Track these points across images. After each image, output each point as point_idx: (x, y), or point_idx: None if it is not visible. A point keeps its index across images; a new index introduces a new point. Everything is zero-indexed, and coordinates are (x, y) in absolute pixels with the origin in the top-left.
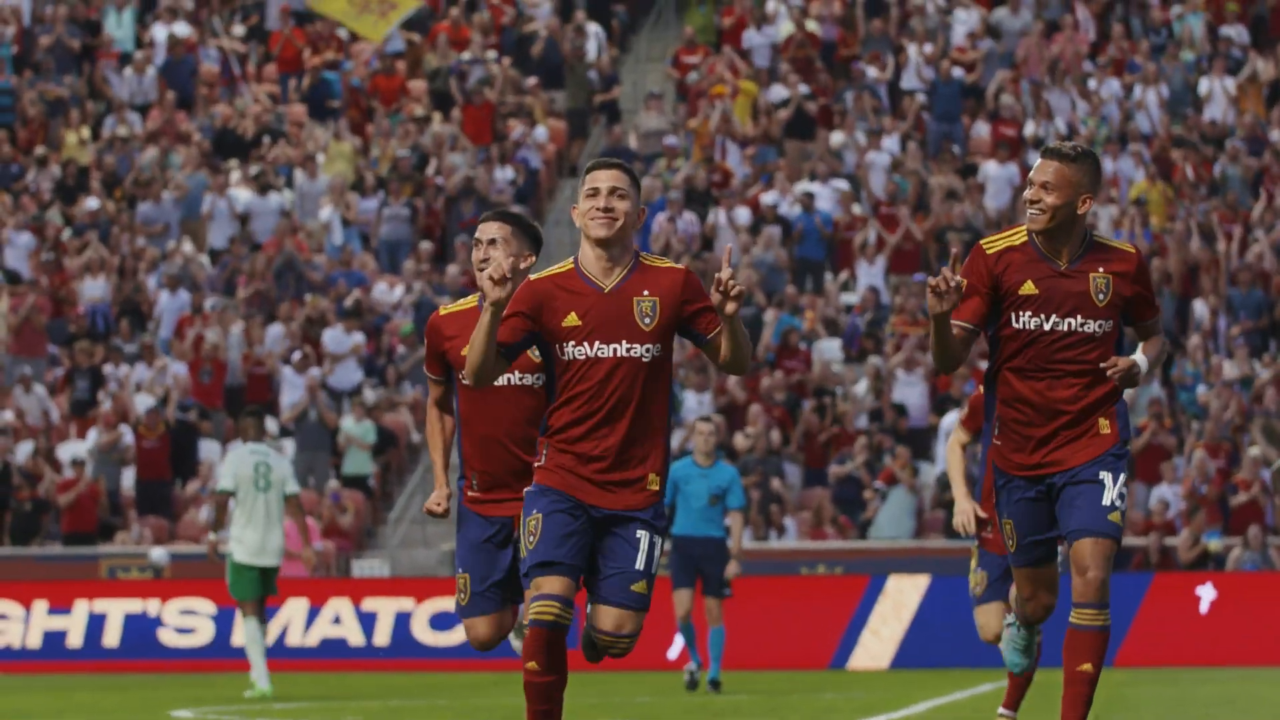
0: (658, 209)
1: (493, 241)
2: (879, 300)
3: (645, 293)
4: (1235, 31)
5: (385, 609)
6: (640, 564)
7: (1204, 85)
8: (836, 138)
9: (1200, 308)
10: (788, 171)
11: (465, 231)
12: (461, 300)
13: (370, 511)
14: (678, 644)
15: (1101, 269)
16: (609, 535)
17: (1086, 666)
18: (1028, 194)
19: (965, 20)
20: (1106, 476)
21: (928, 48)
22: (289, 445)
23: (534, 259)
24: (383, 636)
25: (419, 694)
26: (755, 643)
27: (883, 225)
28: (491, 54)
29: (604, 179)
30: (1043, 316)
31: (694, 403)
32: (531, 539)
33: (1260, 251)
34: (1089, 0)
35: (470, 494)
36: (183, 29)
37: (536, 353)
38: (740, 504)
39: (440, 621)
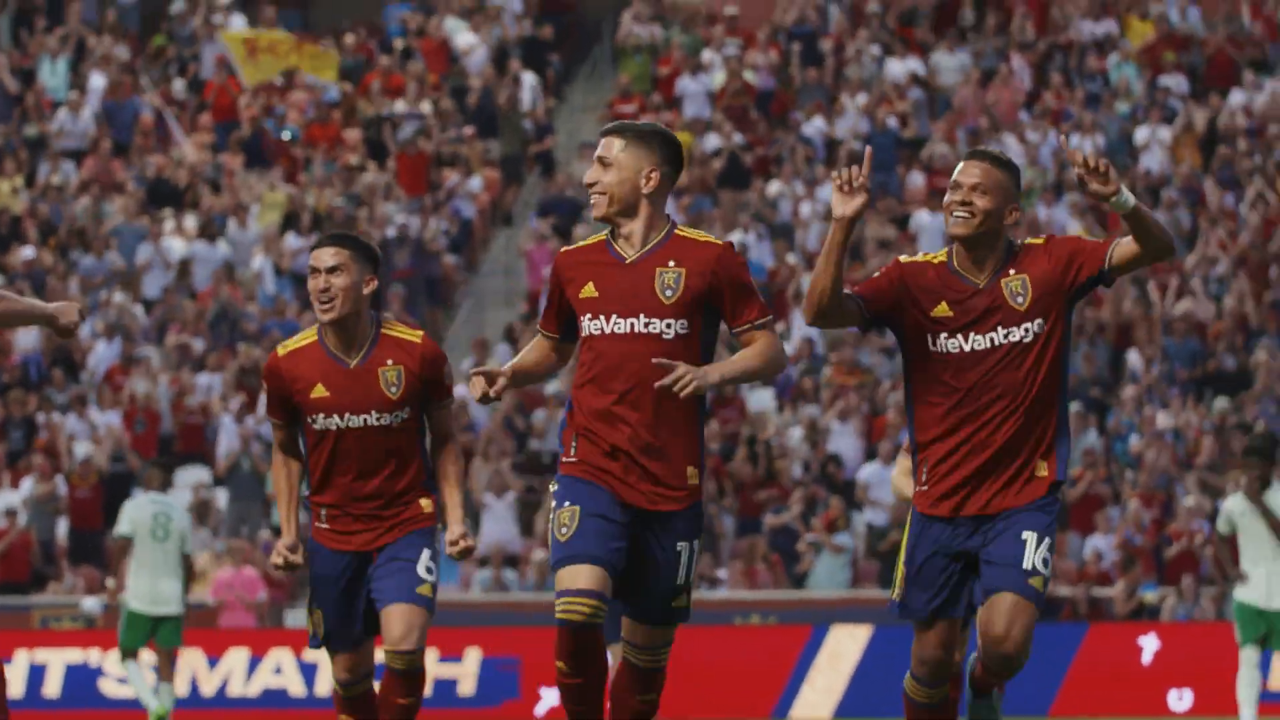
0: None
1: (332, 269)
2: (814, 350)
3: (671, 264)
4: (1173, 81)
5: (325, 659)
6: (681, 577)
7: (1140, 135)
8: (772, 187)
9: (1134, 358)
10: (722, 221)
11: (399, 281)
12: (299, 336)
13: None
14: None
15: (1012, 271)
16: (646, 543)
17: None
18: (953, 197)
19: (899, 69)
20: (1030, 535)
21: (862, 97)
22: (222, 495)
23: (375, 282)
24: (324, 687)
25: None
26: (696, 693)
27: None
28: (426, 103)
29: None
30: (960, 337)
31: None
32: (565, 531)
33: (1195, 301)
34: (1025, 49)
35: (318, 525)
36: (117, 75)
37: (393, 389)
38: None
39: (378, 671)
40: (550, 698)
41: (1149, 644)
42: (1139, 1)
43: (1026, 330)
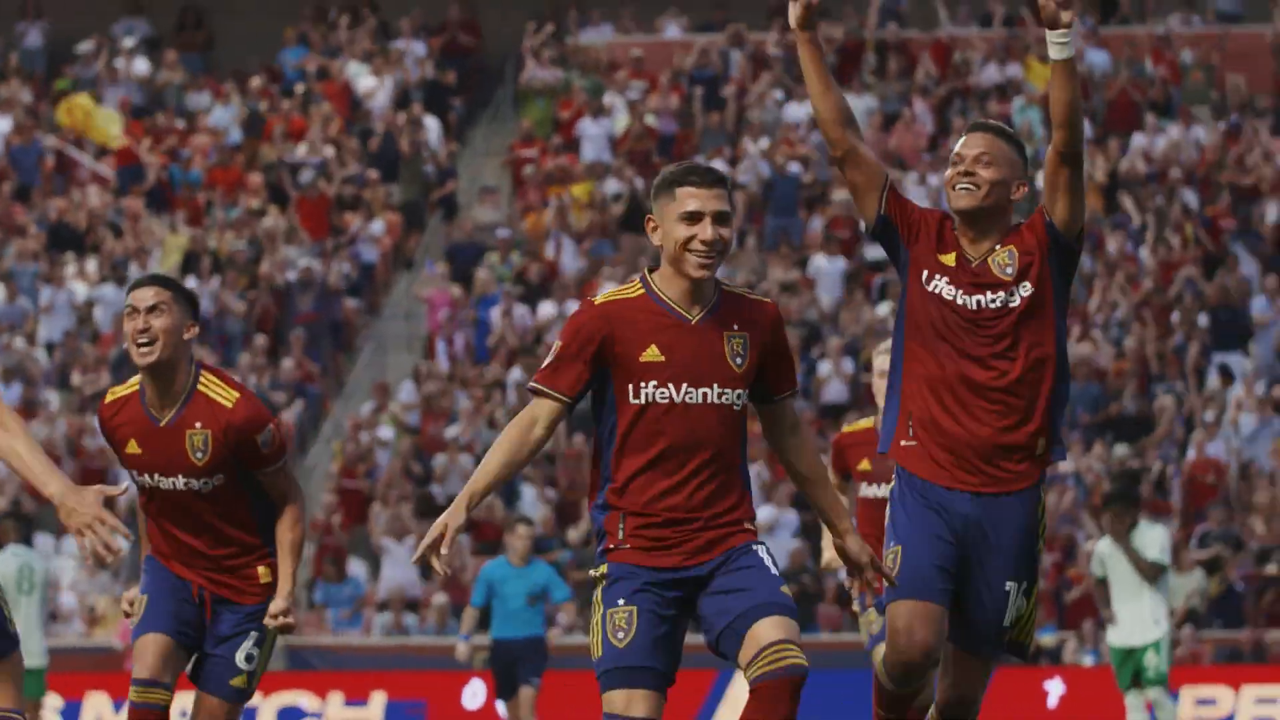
0: (493, 303)
1: (152, 309)
2: None
3: (735, 327)
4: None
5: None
6: (775, 570)
7: (1040, 180)
8: None
9: None
10: (624, 265)
11: (301, 325)
12: (126, 383)
13: None
14: None
15: (1012, 246)
16: (729, 574)
17: None
18: (956, 169)
19: (801, 113)
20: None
21: (764, 141)
22: (122, 542)
23: (196, 329)
24: None
25: None
26: None
27: None
28: (329, 147)
29: (710, 202)
30: (955, 289)
31: (530, 497)
32: (622, 636)
33: (1096, 346)
34: (927, 94)
35: (155, 555)
36: (21, 118)
37: (199, 454)
38: (567, 596)
39: (287, 715)
40: None
41: (1054, 688)
42: (1039, 45)
43: (1011, 296)
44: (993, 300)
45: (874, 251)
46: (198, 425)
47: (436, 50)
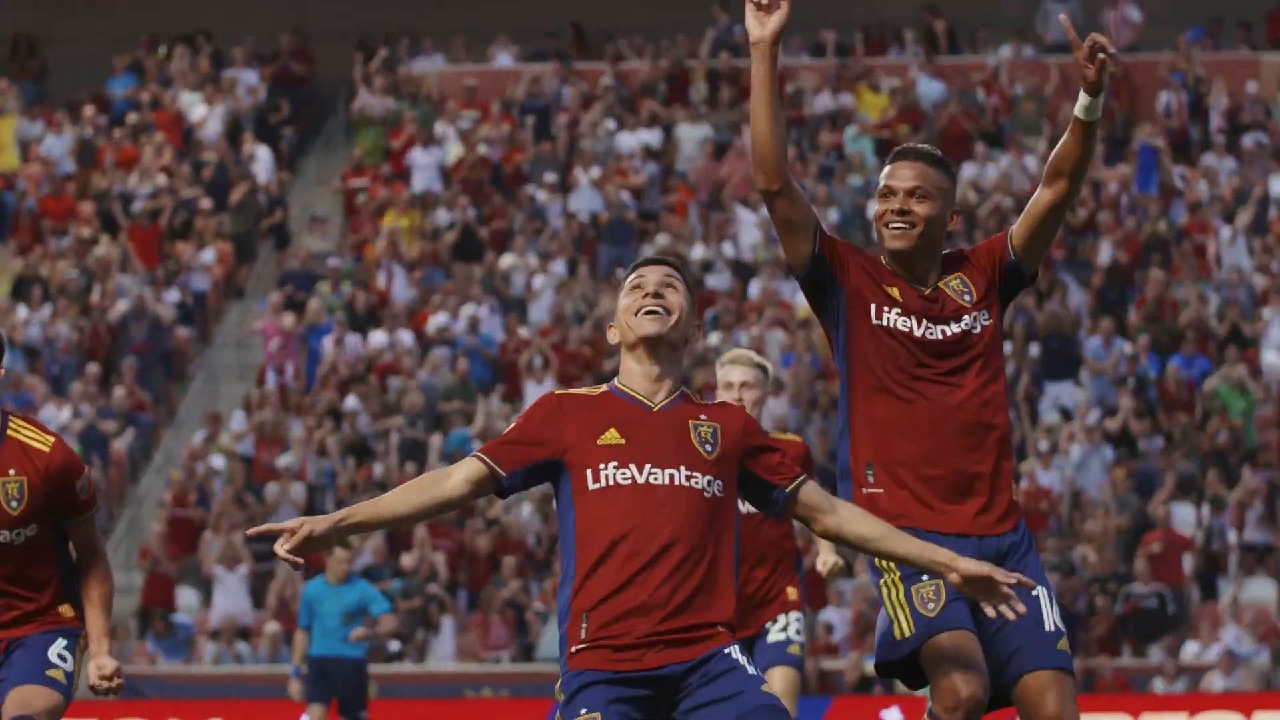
0: (325, 332)
1: None
2: None
3: (703, 418)
4: None
5: None
6: (753, 670)
7: (873, 209)
8: (504, 260)
9: None
10: (455, 295)
11: (133, 355)
12: None
13: None
14: None
15: (961, 274)
16: (712, 682)
17: None
18: (886, 205)
19: (632, 142)
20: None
21: (596, 170)
22: None
23: (3, 370)
24: None
25: None
26: None
27: (551, 346)
28: (161, 176)
29: (654, 274)
30: (911, 319)
31: None
32: None
33: None
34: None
35: None
36: None
37: (13, 503)
38: (387, 608)
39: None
40: None
41: (891, 716)
42: (871, 74)
43: (975, 320)
44: (956, 329)
45: (710, 281)
46: (11, 472)
47: (268, 79)
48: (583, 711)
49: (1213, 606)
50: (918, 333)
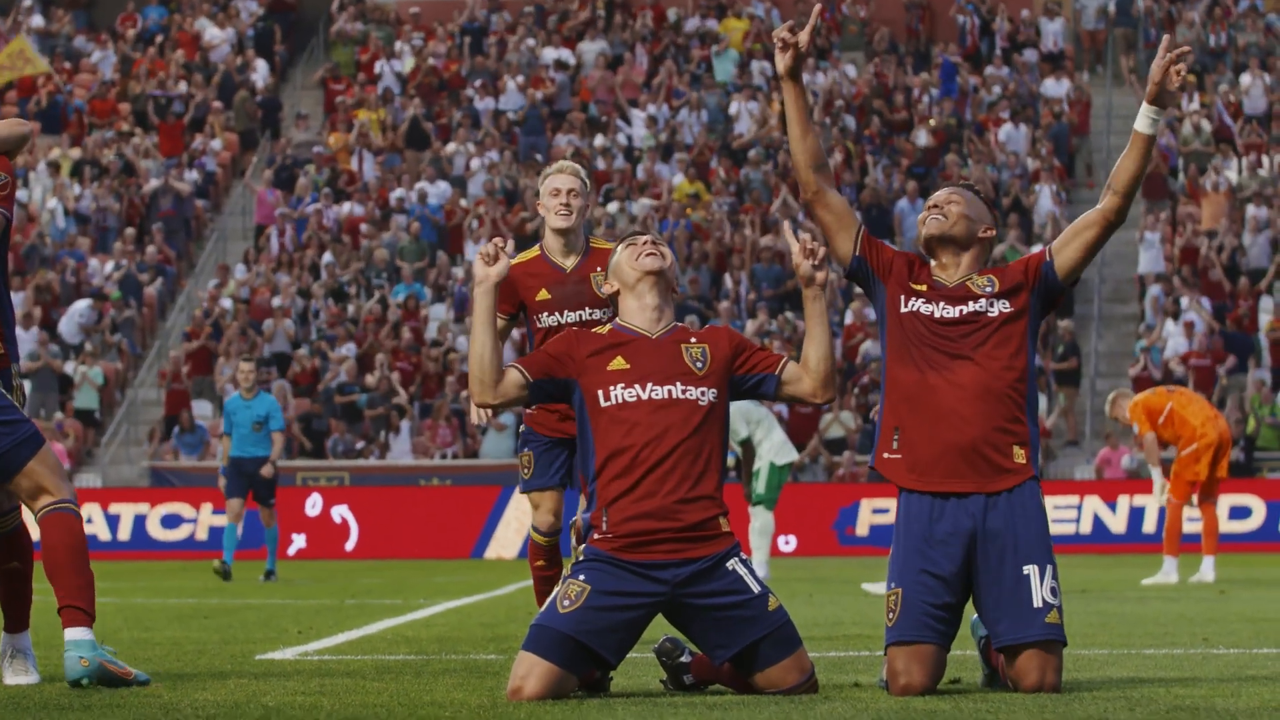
0: (312, 202)
1: None
2: None
3: (693, 340)
4: (760, 66)
5: (127, 511)
6: (757, 587)
7: (734, 108)
8: (449, 147)
9: (730, 280)
10: (410, 173)
11: (161, 220)
12: None
13: (90, 436)
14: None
15: (993, 275)
16: (719, 597)
17: None
18: (927, 209)
19: (550, 56)
20: (1032, 569)
21: (520, 79)
22: (28, 383)
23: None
24: (126, 530)
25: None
26: (398, 538)
27: (484, 213)
28: (182, 84)
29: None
30: (931, 305)
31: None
32: (568, 604)
33: (777, 237)
34: (645, 41)
35: None
36: None
37: None
38: (280, 426)
39: (169, 521)
40: None
41: None
42: (735, 4)
43: (991, 306)
44: (970, 309)
45: (604, 164)
46: None
47: (265, 6)
48: (580, 577)
49: None
50: (936, 314)
